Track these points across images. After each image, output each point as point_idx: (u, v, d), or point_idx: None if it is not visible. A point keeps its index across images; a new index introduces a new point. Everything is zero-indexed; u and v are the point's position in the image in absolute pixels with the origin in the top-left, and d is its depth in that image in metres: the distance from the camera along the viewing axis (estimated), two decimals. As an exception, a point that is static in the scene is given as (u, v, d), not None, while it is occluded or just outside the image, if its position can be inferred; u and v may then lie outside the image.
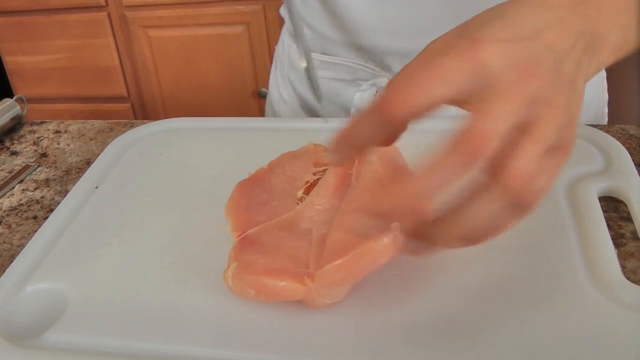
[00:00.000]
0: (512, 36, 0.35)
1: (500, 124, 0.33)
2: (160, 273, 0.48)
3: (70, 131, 0.73)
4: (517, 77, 0.34)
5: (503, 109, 0.34)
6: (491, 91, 0.34)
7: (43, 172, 0.66)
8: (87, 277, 0.48)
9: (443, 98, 0.35)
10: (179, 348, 0.42)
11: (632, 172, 0.53)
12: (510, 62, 0.34)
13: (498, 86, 0.34)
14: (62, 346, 0.43)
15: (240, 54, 1.82)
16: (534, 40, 0.36)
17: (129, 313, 0.45)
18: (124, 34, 1.87)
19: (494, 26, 0.36)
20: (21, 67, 1.99)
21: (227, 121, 0.68)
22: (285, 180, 0.52)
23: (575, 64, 0.37)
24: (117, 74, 1.93)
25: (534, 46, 0.35)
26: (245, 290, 0.43)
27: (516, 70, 0.34)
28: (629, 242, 0.49)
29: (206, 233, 0.52)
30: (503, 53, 0.34)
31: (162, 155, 0.63)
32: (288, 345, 0.41)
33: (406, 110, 0.35)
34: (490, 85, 0.34)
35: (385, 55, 0.71)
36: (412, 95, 0.34)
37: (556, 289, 0.44)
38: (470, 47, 0.35)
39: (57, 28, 1.89)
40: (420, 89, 0.34)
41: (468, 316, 0.42)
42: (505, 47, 0.35)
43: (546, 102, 0.35)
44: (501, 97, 0.34)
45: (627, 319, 0.41)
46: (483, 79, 0.34)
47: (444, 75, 0.34)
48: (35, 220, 0.58)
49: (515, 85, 0.34)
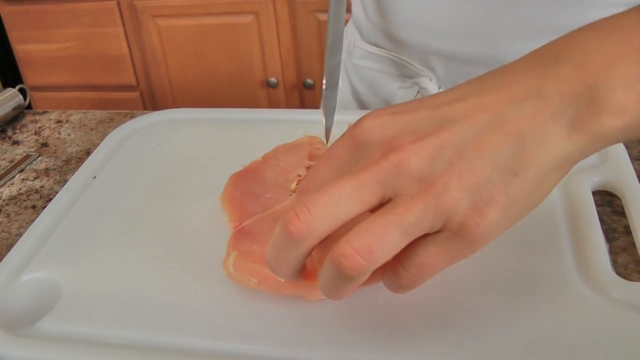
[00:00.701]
0: (402, 109, 0.34)
1: (324, 198, 0.32)
2: (155, 263, 0.49)
3: (71, 121, 0.74)
4: (376, 153, 0.33)
5: (337, 185, 0.32)
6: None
7: (43, 162, 0.66)
8: (82, 267, 0.49)
9: (334, 174, 0.36)
10: (173, 338, 0.42)
11: (627, 167, 0.53)
12: (377, 138, 0.33)
13: (357, 164, 0.33)
14: (55, 335, 0.44)
15: (249, 43, 1.82)
16: (432, 111, 0.33)
17: (123, 303, 0.45)
18: (133, 23, 1.87)
19: (398, 105, 0.35)
20: (31, 56, 2.00)
21: (225, 112, 0.69)
22: (278, 173, 0.53)
23: (507, 136, 0.31)
24: (126, 62, 1.94)
25: (421, 118, 0.33)
26: (247, 278, 0.43)
27: (379, 147, 0.33)
28: (622, 236, 0.49)
29: (202, 224, 0.52)
30: (372, 128, 0.34)
31: (160, 146, 0.63)
32: (284, 336, 0.42)
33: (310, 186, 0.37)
34: (356, 163, 0.34)
35: (430, 55, 0.70)
36: (311, 178, 0.37)
37: (546, 283, 0.44)
38: (351, 128, 0.35)
39: (67, 17, 1.90)
40: (317, 173, 0.37)
41: (457, 310, 0.43)
42: (379, 121, 0.34)
43: (417, 178, 0.31)
44: (345, 176, 0.32)
45: (616, 315, 0.41)
46: (357, 153, 0.35)
47: (331, 156, 0.36)
48: (34, 209, 0.59)
49: (368, 163, 0.32)
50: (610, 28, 0.33)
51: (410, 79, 0.74)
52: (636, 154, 0.57)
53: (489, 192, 0.31)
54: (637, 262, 0.46)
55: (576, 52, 0.32)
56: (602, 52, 0.32)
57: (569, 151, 0.32)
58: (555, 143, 0.32)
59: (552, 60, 0.33)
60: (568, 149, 0.32)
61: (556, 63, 0.32)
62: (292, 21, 1.76)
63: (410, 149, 0.31)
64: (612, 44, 0.32)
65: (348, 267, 0.31)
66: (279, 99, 1.89)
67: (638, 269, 0.46)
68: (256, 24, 1.79)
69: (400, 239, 0.31)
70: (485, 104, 0.32)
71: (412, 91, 0.74)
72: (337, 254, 0.31)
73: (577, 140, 0.32)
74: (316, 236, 0.32)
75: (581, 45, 0.33)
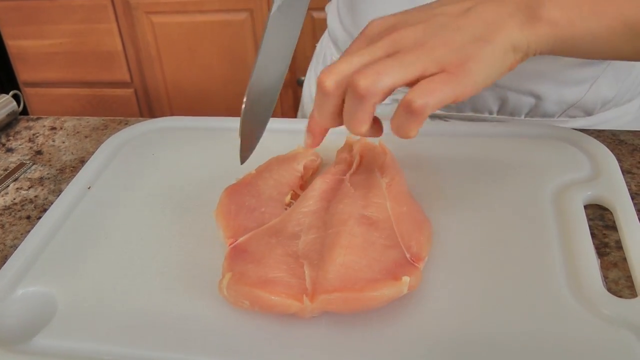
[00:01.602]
0: (401, 13, 0.47)
1: (344, 61, 0.44)
2: (149, 278, 0.49)
3: (65, 128, 0.74)
4: (380, 34, 0.46)
5: (352, 51, 0.46)
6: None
7: (37, 171, 0.66)
8: (77, 281, 0.49)
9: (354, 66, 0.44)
10: (169, 354, 0.43)
11: (619, 181, 0.53)
12: (381, 29, 0.47)
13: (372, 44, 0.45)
14: (52, 351, 0.44)
15: (244, 40, 1.82)
16: (420, 10, 0.46)
17: (118, 318, 0.46)
18: (127, 19, 1.86)
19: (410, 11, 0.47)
20: (24, 52, 1.99)
21: (219, 121, 0.69)
22: (272, 185, 0.53)
23: (477, 22, 0.44)
24: (120, 59, 1.93)
25: (413, 15, 0.46)
26: (240, 301, 0.44)
27: (381, 31, 0.46)
28: (613, 251, 0.49)
29: (197, 237, 0.52)
30: (377, 24, 0.47)
31: (155, 155, 0.64)
32: (279, 353, 0.42)
33: (337, 80, 0.44)
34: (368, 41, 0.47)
35: None
36: (334, 72, 0.44)
37: (537, 299, 0.44)
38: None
39: (60, 12, 1.88)
40: (338, 68, 0.44)
41: (448, 325, 0.43)
42: (383, 20, 0.47)
43: (413, 41, 0.44)
44: (357, 46, 0.47)
45: (605, 332, 0.41)
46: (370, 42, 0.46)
47: (349, 53, 0.46)
48: (29, 220, 0.59)
49: (377, 36, 0.46)
50: None
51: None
52: (628, 167, 0.57)
53: (467, 51, 0.43)
54: (628, 277, 0.47)
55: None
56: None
57: (520, 40, 0.45)
58: (512, 31, 0.44)
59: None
60: (520, 38, 0.44)
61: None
62: (286, 19, 1.76)
63: (405, 28, 0.44)
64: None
65: (361, 87, 0.42)
66: (273, 97, 1.89)
67: (629, 284, 0.46)
68: (250, 21, 1.78)
69: (400, 71, 0.42)
70: (462, 5, 0.45)
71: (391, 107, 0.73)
72: (354, 78, 0.42)
73: (526, 34, 0.45)
74: (340, 85, 0.44)
75: None
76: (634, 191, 0.55)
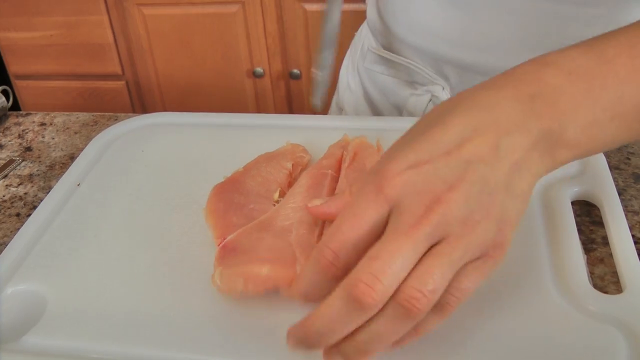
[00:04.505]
0: (419, 160, 0.37)
1: (390, 265, 0.35)
2: (141, 276, 0.49)
3: (55, 124, 0.74)
4: (419, 208, 0.36)
5: (397, 249, 0.35)
6: (392, 227, 0.36)
7: (27, 167, 0.66)
8: (66, 280, 0.49)
9: (365, 236, 0.37)
10: (160, 352, 0.43)
11: (606, 177, 0.54)
12: (411, 193, 0.36)
13: (399, 220, 0.36)
14: (41, 350, 0.44)
15: (235, 33, 1.81)
16: (448, 157, 0.37)
17: (108, 317, 0.46)
18: (118, 11, 1.85)
19: (405, 151, 0.37)
20: (14, 44, 1.98)
21: (209, 116, 0.69)
22: (260, 183, 0.53)
23: (509, 166, 0.37)
24: (111, 51, 1.92)
25: (442, 167, 0.36)
26: (234, 281, 0.44)
27: (417, 201, 0.36)
28: (600, 247, 0.50)
29: (187, 235, 0.52)
30: (404, 185, 0.36)
31: (144, 152, 0.63)
32: (272, 350, 0.42)
33: (340, 253, 0.37)
34: (397, 219, 0.36)
35: (443, 63, 0.71)
36: (339, 242, 0.37)
37: (522, 295, 0.44)
38: (376, 184, 0.37)
39: (51, 4, 1.87)
40: (345, 236, 0.37)
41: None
42: (407, 177, 0.37)
43: (460, 221, 0.36)
44: (397, 236, 0.35)
45: (591, 327, 0.42)
46: (392, 215, 0.37)
47: (360, 217, 0.37)
48: (18, 217, 0.59)
49: (416, 219, 0.36)
50: (576, 68, 0.40)
51: (422, 86, 0.73)
52: (615, 163, 0.58)
53: (504, 214, 0.37)
54: (614, 273, 0.47)
55: (550, 89, 0.39)
56: (569, 93, 0.39)
57: (541, 171, 0.39)
58: (536, 166, 0.38)
59: (528, 97, 0.38)
60: (541, 170, 0.39)
61: (532, 100, 0.38)
62: (278, 11, 1.75)
63: (449, 198, 0.36)
64: (577, 88, 0.39)
65: (417, 308, 0.35)
66: (265, 89, 1.89)
67: (615, 280, 0.47)
68: (242, 14, 1.78)
69: (451, 273, 0.36)
70: (488, 141, 0.37)
71: (424, 99, 0.73)
72: (405, 297, 0.35)
73: (545, 164, 0.39)
74: (384, 301, 0.35)
75: (551, 82, 0.39)
76: (621, 187, 0.55)
